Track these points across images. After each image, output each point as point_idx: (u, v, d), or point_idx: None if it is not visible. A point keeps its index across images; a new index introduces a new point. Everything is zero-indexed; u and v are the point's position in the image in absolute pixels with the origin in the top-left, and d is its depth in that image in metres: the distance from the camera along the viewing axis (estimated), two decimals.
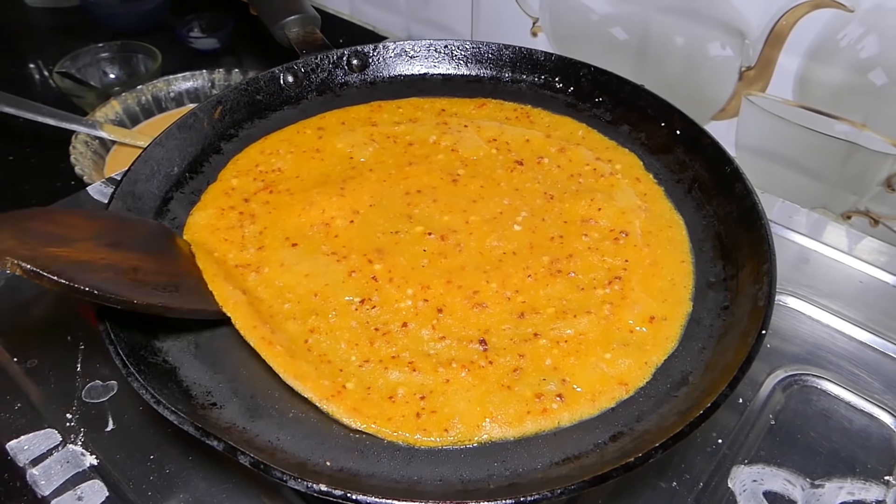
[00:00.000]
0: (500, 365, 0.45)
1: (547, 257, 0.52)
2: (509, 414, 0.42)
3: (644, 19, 0.82)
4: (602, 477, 0.36)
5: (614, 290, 0.50)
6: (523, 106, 0.69)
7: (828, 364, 0.57)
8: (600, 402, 0.44)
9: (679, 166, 0.61)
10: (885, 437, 0.53)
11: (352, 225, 0.54)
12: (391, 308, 0.48)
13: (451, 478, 0.39)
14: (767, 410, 0.54)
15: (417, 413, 0.42)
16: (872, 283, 0.64)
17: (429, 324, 0.47)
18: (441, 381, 0.44)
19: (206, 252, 0.51)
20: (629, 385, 0.45)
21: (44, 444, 0.50)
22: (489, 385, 0.44)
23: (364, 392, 0.43)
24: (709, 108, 0.83)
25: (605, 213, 0.56)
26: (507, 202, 0.57)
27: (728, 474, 0.50)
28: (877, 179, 0.74)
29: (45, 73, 1.06)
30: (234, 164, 0.61)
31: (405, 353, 0.45)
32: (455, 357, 0.45)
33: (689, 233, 0.55)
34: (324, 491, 0.34)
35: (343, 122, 0.66)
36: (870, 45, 0.68)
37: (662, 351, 0.47)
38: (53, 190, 0.81)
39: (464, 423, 0.42)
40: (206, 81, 0.94)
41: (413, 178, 0.59)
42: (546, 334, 0.47)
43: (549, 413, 0.43)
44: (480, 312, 0.48)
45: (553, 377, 0.45)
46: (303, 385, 0.43)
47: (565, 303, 0.49)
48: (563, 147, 0.63)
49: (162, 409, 0.37)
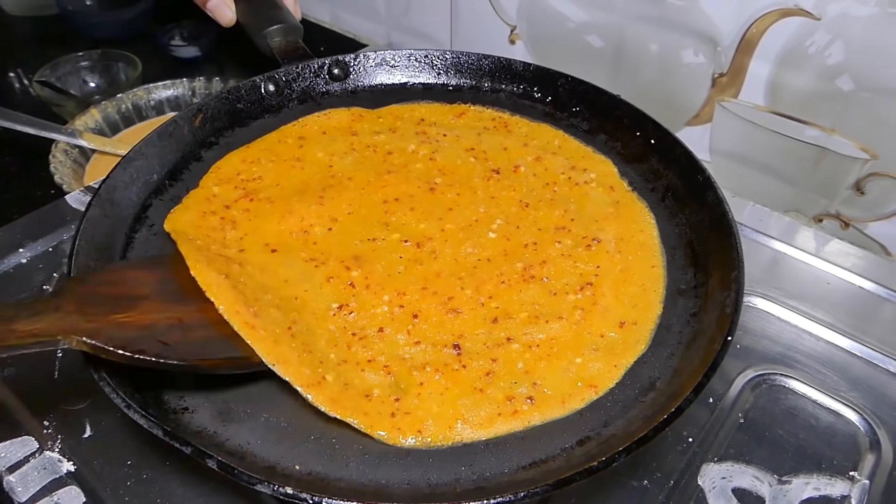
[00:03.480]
0: (473, 369, 0.46)
1: (521, 263, 0.53)
2: (481, 416, 0.43)
3: (619, 27, 0.84)
4: (566, 480, 0.37)
5: (586, 295, 0.51)
6: (502, 114, 0.70)
7: (796, 363, 0.59)
8: (570, 403, 0.45)
9: (653, 175, 0.62)
10: (850, 434, 0.54)
11: (330, 232, 0.55)
12: (368, 313, 0.49)
13: (419, 481, 0.40)
14: (737, 409, 0.55)
15: (392, 413, 0.43)
16: (840, 285, 0.66)
17: (404, 329, 0.48)
18: (415, 384, 0.45)
19: (187, 239, 0.51)
20: (599, 387, 0.46)
21: (20, 451, 0.50)
22: (462, 388, 0.45)
23: (342, 387, 0.44)
24: (683, 114, 0.85)
25: (578, 222, 0.57)
26: (483, 210, 0.58)
27: (698, 472, 0.51)
28: (846, 183, 0.76)
29: (25, 81, 1.05)
30: (215, 171, 0.61)
31: (381, 357, 0.46)
32: (429, 361, 0.46)
33: (661, 240, 0.56)
34: (291, 494, 0.35)
35: (324, 132, 0.67)
36: (836, 52, 0.70)
37: (632, 354, 0.48)
38: (33, 199, 0.81)
39: (437, 425, 0.43)
40: (187, 90, 0.94)
41: (391, 186, 0.60)
42: (518, 339, 0.48)
43: (520, 414, 0.44)
44: (455, 318, 0.49)
45: (524, 381, 0.46)
46: (285, 370, 0.43)
47: (538, 307, 0.50)
48: (540, 156, 0.64)
49: (133, 413, 0.37)
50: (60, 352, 0.57)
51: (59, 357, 0.57)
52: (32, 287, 0.63)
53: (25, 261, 0.66)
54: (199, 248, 0.51)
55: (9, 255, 0.65)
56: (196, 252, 0.49)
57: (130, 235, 0.55)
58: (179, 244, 0.51)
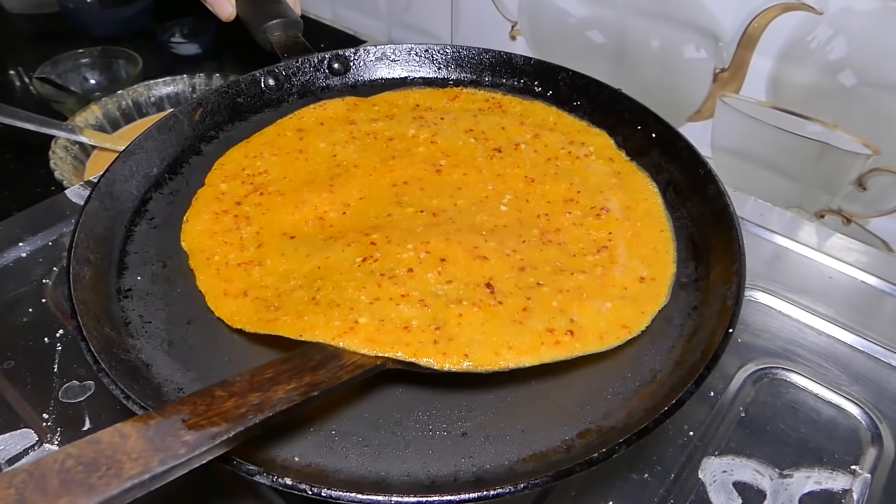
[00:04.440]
0: (509, 305, 0.46)
1: (536, 230, 0.54)
2: (525, 343, 0.44)
3: (620, 23, 0.83)
4: (565, 472, 0.36)
5: (603, 256, 0.52)
6: (494, 95, 0.70)
7: (797, 357, 0.58)
8: (608, 339, 0.45)
9: (655, 169, 0.62)
10: (851, 428, 0.54)
11: (345, 216, 0.56)
12: (394, 258, 0.49)
13: (419, 473, 0.40)
14: (738, 403, 0.55)
15: (435, 340, 0.43)
16: (841, 279, 0.65)
17: (434, 270, 0.48)
18: (454, 315, 0.45)
19: (204, 263, 0.51)
20: (631, 328, 0.47)
21: (20, 443, 0.50)
22: (502, 320, 0.45)
23: (378, 324, 0.44)
24: (685, 110, 0.84)
25: (585, 193, 0.58)
26: (491, 187, 0.59)
27: (699, 465, 0.51)
28: (848, 178, 0.76)
29: (26, 79, 1.06)
30: (219, 168, 0.61)
31: (415, 293, 0.46)
32: (464, 297, 0.46)
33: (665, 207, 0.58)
34: (290, 485, 0.35)
35: (322, 123, 0.66)
36: (839, 47, 0.70)
37: (656, 304, 0.49)
38: (33, 195, 0.81)
39: (481, 351, 0.43)
40: (187, 86, 0.94)
41: (398, 170, 0.60)
42: (548, 284, 0.49)
43: (562, 345, 0.44)
44: (483, 263, 0.49)
45: (561, 317, 0.46)
46: (311, 334, 0.43)
47: (560, 264, 0.51)
48: (538, 133, 0.65)
49: (131, 404, 0.37)
50: (60, 345, 0.57)
51: (58, 350, 0.57)
52: (32, 281, 0.63)
53: (25, 255, 0.66)
54: (219, 272, 0.50)
55: (8, 248, 0.66)
56: (214, 279, 0.49)
57: (130, 229, 0.54)
58: (198, 273, 0.50)
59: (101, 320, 0.45)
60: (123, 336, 0.46)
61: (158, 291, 0.50)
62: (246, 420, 0.34)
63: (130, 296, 0.49)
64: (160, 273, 0.51)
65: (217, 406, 0.34)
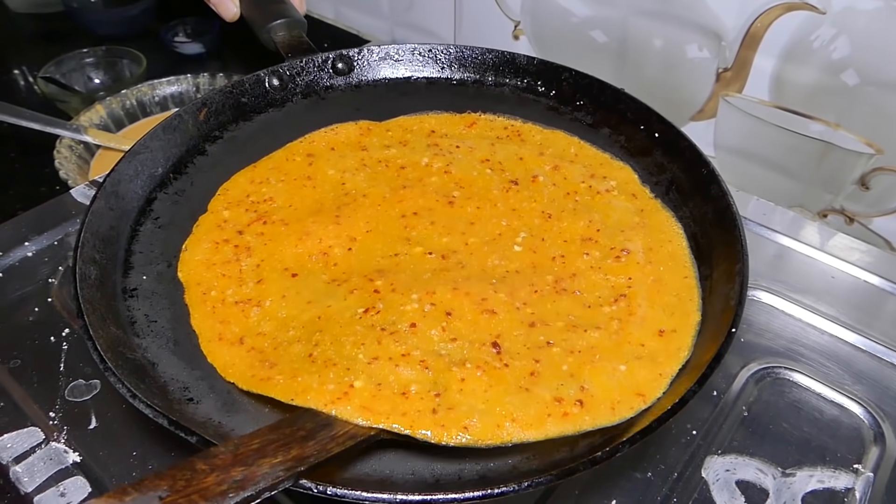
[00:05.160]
0: (516, 368, 0.43)
1: (551, 276, 0.51)
2: (530, 415, 0.41)
3: (623, 22, 0.84)
4: (569, 471, 0.37)
5: (621, 307, 0.49)
6: (514, 122, 0.68)
7: (800, 357, 0.59)
8: (620, 410, 0.42)
9: (657, 168, 0.62)
10: (854, 427, 0.54)
11: (350, 252, 0.53)
12: (397, 310, 0.46)
13: (423, 471, 0.40)
14: (741, 402, 0.55)
15: (433, 409, 0.40)
16: (844, 279, 0.66)
17: (438, 325, 0.45)
18: (455, 380, 0.42)
19: (200, 298, 0.49)
20: (646, 396, 0.43)
21: (27, 441, 0.50)
22: (507, 386, 0.42)
23: (374, 389, 0.41)
24: (687, 110, 0.85)
25: (605, 232, 0.55)
26: (506, 223, 0.56)
27: (702, 464, 0.51)
28: (851, 178, 0.76)
29: (30, 78, 1.06)
30: (223, 194, 0.59)
31: (416, 352, 0.43)
32: (468, 358, 0.44)
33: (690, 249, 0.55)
34: (295, 483, 0.35)
35: (332, 148, 0.64)
36: (842, 47, 0.70)
37: (676, 362, 0.46)
38: (38, 195, 0.82)
39: (483, 423, 0.40)
40: (191, 86, 0.95)
41: (408, 201, 0.57)
42: (559, 343, 0.46)
43: (570, 417, 0.41)
44: (491, 318, 0.47)
45: (571, 383, 0.43)
46: (303, 398, 0.41)
47: (573, 318, 0.48)
48: (557, 165, 0.62)
49: (138, 402, 0.38)
50: (66, 344, 0.58)
51: (64, 349, 0.57)
52: (38, 280, 0.63)
53: (31, 254, 0.66)
54: (214, 310, 0.48)
55: (14, 248, 0.66)
56: (210, 319, 0.48)
57: (135, 228, 0.55)
58: (192, 311, 0.48)
59: (107, 319, 0.45)
60: (129, 335, 0.46)
61: (164, 291, 0.50)
62: (225, 499, 0.32)
63: (136, 295, 0.49)
64: (165, 272, 0.51)
65: (197, 482, 0.32)
